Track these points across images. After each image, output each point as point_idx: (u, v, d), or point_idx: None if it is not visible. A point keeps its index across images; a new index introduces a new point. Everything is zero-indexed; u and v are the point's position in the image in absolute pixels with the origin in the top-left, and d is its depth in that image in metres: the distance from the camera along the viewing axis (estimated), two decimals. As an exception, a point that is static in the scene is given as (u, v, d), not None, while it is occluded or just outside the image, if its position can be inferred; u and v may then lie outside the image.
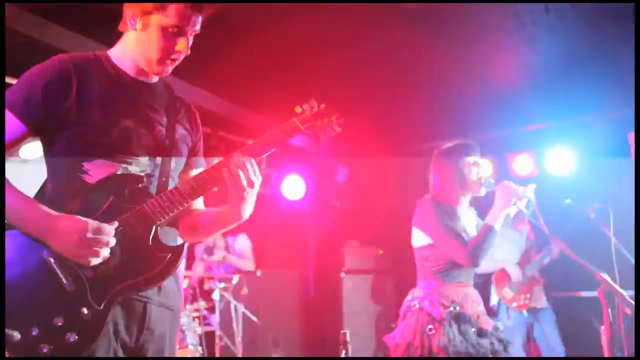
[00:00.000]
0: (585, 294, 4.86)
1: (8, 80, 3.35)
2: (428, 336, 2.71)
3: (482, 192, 2.94)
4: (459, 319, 2.74)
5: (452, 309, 2.74)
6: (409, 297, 2.94)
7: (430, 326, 2.72)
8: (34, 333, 1.48)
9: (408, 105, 5.51)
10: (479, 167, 2.94)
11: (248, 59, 4.58)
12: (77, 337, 1.50)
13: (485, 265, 4.79)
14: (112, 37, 1.83)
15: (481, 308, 2.89)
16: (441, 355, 2.66)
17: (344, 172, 6.68)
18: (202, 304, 4.62)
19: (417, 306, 2.82)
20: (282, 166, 6.25)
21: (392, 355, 2.86)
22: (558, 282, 4.88)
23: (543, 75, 4.97)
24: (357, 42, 4.48)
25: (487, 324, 2.85)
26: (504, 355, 2.81)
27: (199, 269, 5.32)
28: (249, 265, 5.68)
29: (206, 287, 4.79)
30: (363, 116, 5.19)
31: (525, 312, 4.62)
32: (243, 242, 5.71)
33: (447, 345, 2.66)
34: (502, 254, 4.80)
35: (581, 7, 4.03)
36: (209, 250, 5.41)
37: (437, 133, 5.96)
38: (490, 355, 2.74)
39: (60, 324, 1.50)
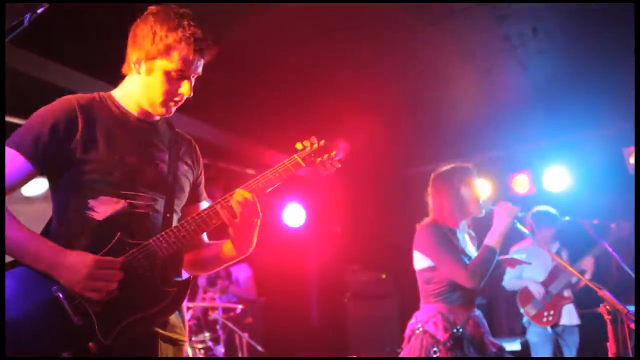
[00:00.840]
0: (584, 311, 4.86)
1: (13, 119, 3.40)
2: (433, 359, 2.71)
3: (482, 213, 2.97)
4: (463, 341, 2.74)
5: (455, 331, 2.75)
6: (412, 321, 2.95)
7: (434, 349, 2.72)
8: None
9: (406, 128, 5.57)
10: (477, 189, 2.97)
11: (244, 89, 4.66)
12: None
13: (512, 284, 4.84)
14: (115, 76, 1.88)
15: (484, 329, 2.88)
16: None
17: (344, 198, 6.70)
18: (206, 335, 4.60)
19: (420, 329, 2.82)
20: (283, 194, 6.28)
21: None
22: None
23: (536, 95, 5.04)
24: (352, 68, 4.55)
25: (491, 345, 2.84)
26: None
27: (202, 300, 5.30)
28: (251, 294, 5.66)
29: (210, 318, 4.77)
30: (361, 141, 5.25)
31: (549, 329, 4.63)
32: (244, 272, 5.70)
33: None
34: (529, 272, 4.82)
35: (570, 26, 4.11)
36: (212, 281, 5.40)
37: (435, 155, 6.02)
38: None
39: (67, 358, 1.52)
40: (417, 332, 2.83)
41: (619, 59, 4.43)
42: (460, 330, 2.75)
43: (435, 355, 2.70)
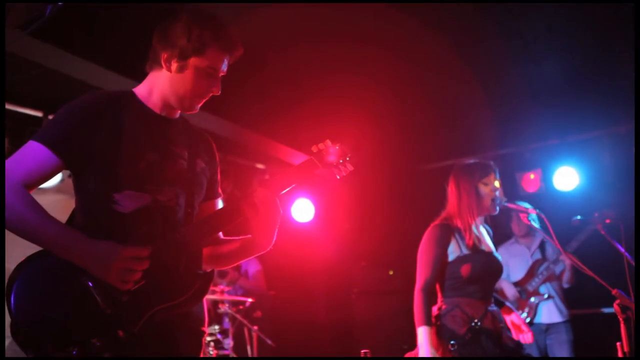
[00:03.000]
0: (597, 310, 4.84)
1: (29, 112, 3.44)
2: (451, 352, 2.73)
3: (496, 211, 2.99)
4: (481, 334, 2.77)
5: (473, 324, 2.77)
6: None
7: (452, 342, 2.74)
8: (74, 352, 1.58)
9: (416, 126, 5.56)
10: (495, 188, 2.99)
11: (255, 83, 4.66)
12: (113, 357, 1.59)
13: None
14: (136, 71, 1.91)
15: (503, 324, 2.90)
16: None
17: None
18: (215, 327, 4.63)
19: (439, 323, 2.85)
20: (292, 190, 6.28)
21: None
22: (571, 300, 4.85)
23: (548, 93, 5.02)
24: (362, 67, 4.55)
25: (509, 340, 2.86)
26: None
27: (211, 293, 5.33)
28: (259, 288, 5.70)
29: (220, 311, 4.80)
30: (371, 137, 5.24)
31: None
32: (254, 266, 5.74)
33: (468, 358, 2.69)
34: (508, 270, 4.80)
35: (583, 23, 4.09)
36: (222, 272, 5.44)
37: (446, 153, 6.01)
38: None
39: (98, 344, 1.59)
40: (436, 325, 2.86)
41: (631, 57, 4.40)
42: (479, 324, 2.77)
43: (453, 349, 2.71)
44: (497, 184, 3.02)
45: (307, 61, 4.44)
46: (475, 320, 2.78)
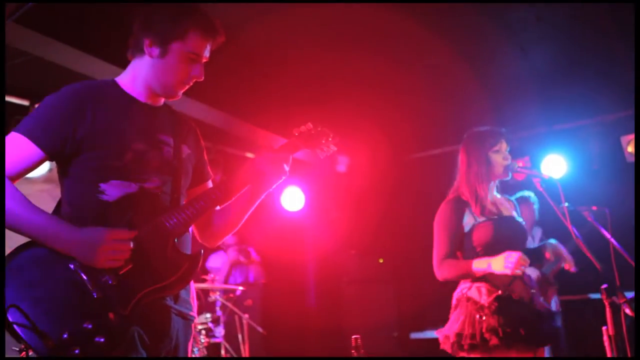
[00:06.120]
0: (580, 296, 4.91)
1: (15, 100, 3.40)
2: (478, 323, 2.65)
3: (508, 176, 2.97)
4: (508, 302, 2.68)
5: (499, 293, 2.71)
6: (457, 290, 2.89)
7: (479, 315, 2.66)
8: (65, 336, 1.57)
9: (405, 115, 5.58)
10: (506, 154, 2.96)
11: (246, 72, 4.64)
12: (105, 339, 1.60)
13: None
14: (117, 57, 1.90)
15: (533, 290, 2.82)
16: (492, 340, 2.59)
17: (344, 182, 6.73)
18: (207, 316, 4.63)
19: (464, 297, 2.77)
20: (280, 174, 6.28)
21: (442, 346, 2.79)
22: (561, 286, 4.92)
23: (536, 82, 5.05)
24: (351, 56, 4.54)
25: (541, 306, 2.80)
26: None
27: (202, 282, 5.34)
28: (262, 277, 5.82)
29: (210, 299, 4.82)
30: (360, 126, 5.25)
31: None
32: (256, 257, 5.84)
33: (497, 327, 2.60)
34: None
35: (572, 13, 4.11)
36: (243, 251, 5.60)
37: (435, 142, 6.03)
38: (549, 338, 2.74)
39: (89, 327, 1.59)
40: (462, 299, 2.78)
41: (618, 47, 4.43)
42: (506, 292, 2.70)
43: (480, 320, 2.63)
44: (507, 149, 3.00)
45: (297, 52, 4.43)
46: (502, 288, 2.71)
